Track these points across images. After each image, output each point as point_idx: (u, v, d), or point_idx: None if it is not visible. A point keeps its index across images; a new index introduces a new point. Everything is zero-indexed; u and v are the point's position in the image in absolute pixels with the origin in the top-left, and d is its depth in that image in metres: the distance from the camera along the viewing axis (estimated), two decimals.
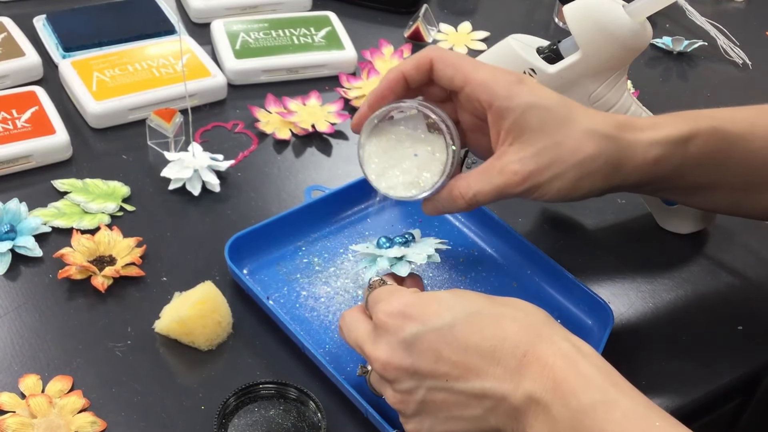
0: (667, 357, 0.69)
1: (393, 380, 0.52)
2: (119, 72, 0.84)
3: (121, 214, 0.74)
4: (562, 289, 0.70)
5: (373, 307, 0.54)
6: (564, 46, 0.70)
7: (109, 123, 0.82)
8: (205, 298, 0.63)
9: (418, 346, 0.50)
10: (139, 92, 0.83)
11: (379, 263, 0.61)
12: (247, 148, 0.83)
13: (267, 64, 0.90)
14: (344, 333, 0.56)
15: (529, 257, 0.73)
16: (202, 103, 0.86)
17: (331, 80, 0.92)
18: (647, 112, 0.73)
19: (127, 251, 0.69)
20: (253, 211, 0.76)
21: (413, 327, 0.51)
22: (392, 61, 0.96)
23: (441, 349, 0.50)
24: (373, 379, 0.56)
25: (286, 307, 0.67)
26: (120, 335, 0.64)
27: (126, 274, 0.68)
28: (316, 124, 0.85)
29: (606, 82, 0.70)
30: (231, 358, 0.64)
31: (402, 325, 0.51)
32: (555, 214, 0.81)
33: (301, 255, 0.71)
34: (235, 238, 0.68)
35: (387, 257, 0.61)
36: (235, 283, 0.68)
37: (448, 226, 0.76)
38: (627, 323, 0.71)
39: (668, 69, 1.02)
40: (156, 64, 0.86)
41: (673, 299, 0.74)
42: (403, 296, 0.53)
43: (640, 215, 0.81)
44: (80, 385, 0.60)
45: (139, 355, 0.63)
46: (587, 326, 0.69)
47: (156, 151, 0.80)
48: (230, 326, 0.65)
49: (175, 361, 0.63)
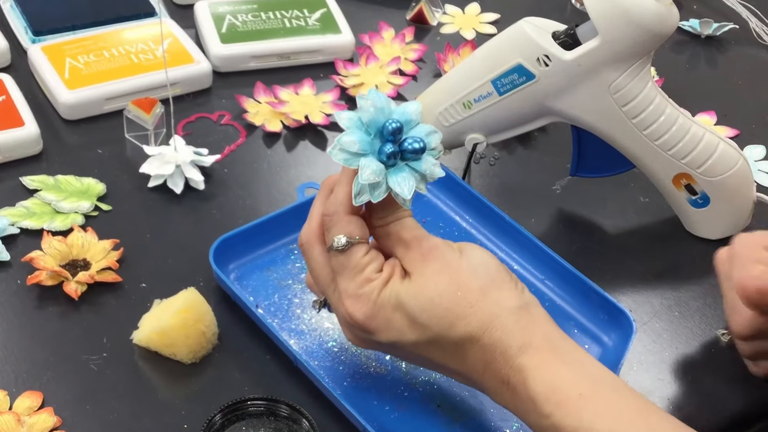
0: (694, 371, 0.69)
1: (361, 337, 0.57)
2: (94, 58, 0.84)
3: (96, 214, 0.74)
4: (579, 295, 0.71)
5: (337, 284, 0.56)
6: (582, 30, 0.70)
7: (83, 114, 0.82)
8: (188, 306, 0.63)
9: (384, 345, 0.57)
10: (115, 80, 0.83)
11: (365, 164, 0.53)
12: (234, 142, 0.83)
13: (256, 50, 0.90)
14: (309, 278, 0.61)
15: (542, 261, 0.73)
16: (184, 93, 0.86)
17: (326, 67, 0.92)
18: (673, 105, 0.73)
19: (102, 255, 0.69)
20: (241, 210, 0.76)
21: (377, 338, 0.56)
22: (393, 46, 0.96)
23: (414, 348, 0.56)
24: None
25: (276, 316, 0.67)
26: (95, 347, 0.64)
27: (101, 280, 0.68)
28: (309, 115, 0.85)
29: (628, 70, 0.70)
30: (216, 372, 0.64)
31: (365, 337, 0.57)
32: (571, 214, 0.81)
33: (293, 259, 0.71)
34: (221, 241, 0.68)
35: (380, 154, 0.53)
36: (221, 289, 0.68)
37: (454, 226, 0.76)
38: (650, 334, 0.71)
39: (696, 54, 1.02)
40: (134, 50, 0.86)
41: (700, 308, 0.74)
42: (365, 298, 0.55)
43: (665, 217, 0.81)
44: (51, 401, 0.60)
45: (115, 368, 0.63)
46: (606, 336, 0.69)
47: (134, 145, 0.80)
48: (215, 337, 0.65)
49: (156, 375, 0.63)
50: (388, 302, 0.54)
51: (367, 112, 0.54)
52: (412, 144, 0.54)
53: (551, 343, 0.53)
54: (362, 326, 0.55)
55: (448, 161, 0.82)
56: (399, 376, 0.64)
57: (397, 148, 0.54)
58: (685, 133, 0.74)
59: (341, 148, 0.53)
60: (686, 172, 0.75)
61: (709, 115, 0.92)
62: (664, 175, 0.76)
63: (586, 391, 0.51)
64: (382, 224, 0.56)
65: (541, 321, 0.54)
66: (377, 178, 0.53)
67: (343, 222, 0.55)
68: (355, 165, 0.53)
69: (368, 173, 0.52)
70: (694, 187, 0.76)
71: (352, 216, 0.55)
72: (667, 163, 0.75)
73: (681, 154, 0.74)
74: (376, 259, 0.56)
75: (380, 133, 0.54)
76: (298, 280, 0.70)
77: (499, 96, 0.74)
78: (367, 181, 0.52)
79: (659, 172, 0.76)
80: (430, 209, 0.77)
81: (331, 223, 0.55)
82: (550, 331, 0.54)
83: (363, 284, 0.55)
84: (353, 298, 0.55)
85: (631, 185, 0.84)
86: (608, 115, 0.73)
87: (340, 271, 0.56)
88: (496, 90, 0.74)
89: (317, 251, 0.57)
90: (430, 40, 1.00)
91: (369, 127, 0.54)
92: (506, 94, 0.74)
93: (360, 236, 0.55)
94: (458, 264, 0.55)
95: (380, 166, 0.53)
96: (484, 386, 0.55)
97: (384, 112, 0.54)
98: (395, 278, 0.55)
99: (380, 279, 0.55)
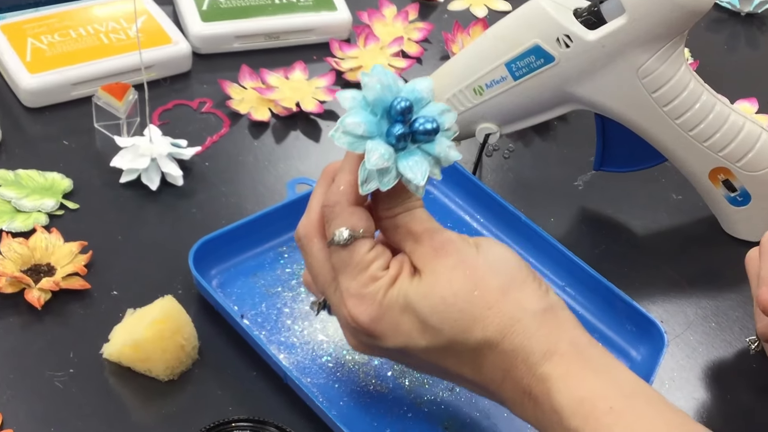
0: (733, 389, 0.69)
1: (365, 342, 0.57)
2: (59, 38, 0.84)
3: (61, 213, 0.74)
4: (604, 305, 0.71)
5: (338, 283, 0.56)
6: (607, 7, 0.70)
7: (47, 101, 0.82)
8: (165, 316, 0.64)
9: (391, 352, 0.57)
10: (83, 63, 0.83)
11: (373, 148, 0.52)
12: (217, 132, 0.83)
13: (241, 29, 0.90)
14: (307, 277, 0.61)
15: (563, 266, 0.73)
16: (161, 77, 0.86)
17: (319, 48, 0.93)
18: (710, 90, 0.73)
19: (68, 259, 0.70)
20: (224, 209, 0.76)
21: (384, 344, 0.56)
22: (395, 24, 0.96)
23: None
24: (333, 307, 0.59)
25: (264, 328, 0.67)
26: (60, 362, 0.64)
27: (67, 287, 0.68)
28: (301, 102, 0.85)
29: (659, 52, 0.70)
30: (197, 390, 0.64)
31: (370, 343, 0.56)
32: (595, 213, 0.81)
33: (282, 263, 0.71)
34: (202, 243, 0.68)
35: (389, 136, 0.53)
36: (201, 297, 0.68)
37: (464, 226, 0.76)
38: (683, 348, 0.71)
39: (735, 34, 1.02)
40: (104, 29, 0.86)
41: (740, 318, 0.74)
42: (370, 299, 0.54)
43: (700, 216, 0.81)
44: (11, 422, 0.60)
45: (83, 386, 0.63)
46: (634, 350, 0.69)
47: (104, 136, 0.80)
48: (195, 351, 0.65)
49: (128, 393, 0.63)
50: (395, 303, 0.54)
51: (373, 90, 0.53)
52: (423, 124, 0.53)
53: (579, 349, 0.53)
54: (367, 330, 0.55)
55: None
56: (401, 395, 0.64)
57: (408, 129, 0.53)
58: (723, 122, 0.74)
59: (344, 131, 0.53)
60: (724, 166, 0.75)
61: (749, 102, 0.92)
62: (700, 170, 0.76)
63: (617, 404, 0.51)
64: (390, 215, 0.56)
65: (567, 325, 0.54)
66: (386, 162, 0.52)
67: (346, 213, 0.55)
68: (361, 149, 0.52)
69: (376, 157, 0.52)
70: (733, 182, 0.76)
71: (356, 207, 0.55)
72: (702, 156, 0.75)
73: (718, 145, 0.74)
74: (382, 255, 0.55)
75: (388, 113, 0.53)
76: (288, 288, 0.70)
77: (514, 81, 0.75)
78: (375, 167, 0.52)
79: (694, 166, 0.76)
80: (436, 207, 0.78)
81: (333, 214, 0.55)
82: (577, 337, 0.54)
83: (367, 283, 0.55)
84: (356, 299, 0.55)
85: (662, 181, 0.84)
86: (636, 103, 0.73)
87: (341, 268, 0.55)
88: (511, 74, 0.74)
89: (317, 246, 0.57)
90: (437, 18, 1.00)
91: (375, 107, 0.53)
92: (522, 78, 0.74)
93: (364, 229, 0.55)
94: (475, 260, 0.55)
95: (389, 150, 0.53)
96: (504, 397, 0.55)
97: (391, 89, 0.53)
98: (404, 276, 0.55)
99: (387, 277, 0.55)
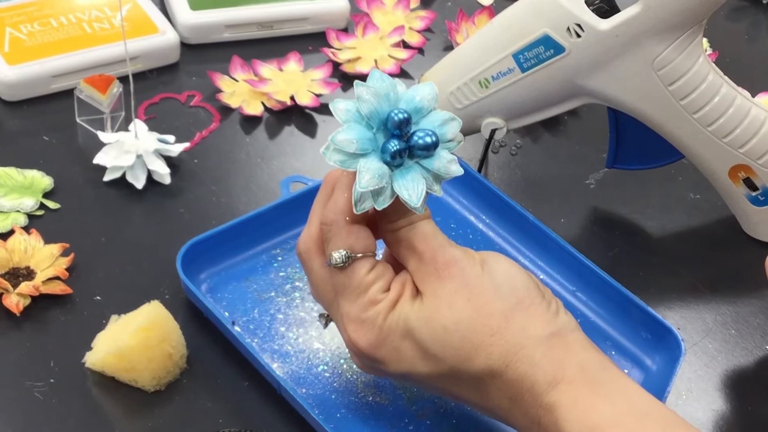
0: (755, 400, 0.69)
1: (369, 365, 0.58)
2: (39, 27, 0.84)
3: (41, 213, 0.74)
4: (617, 311, 0.71)
5: (339, 303, 0.56)
6: None
7: (27, 94, 0.82)
8: (152, 323, 0.63)
9: (395, 376, 0.58)
10: (65, 54, 0.83)
11: (365, 168, 0.52)
12: (207, 128, 0.83)
13: (232, 17, 0.90)
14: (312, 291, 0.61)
15: (573, 269, 0.73)
16: (147, 68, 0.86)
17: (315, 38, 0.92)
18: (729, 83, 0.73)
19: (49, 262, 0.69)
20: (214, 209, 0.76)
21: (386, 369, 0.56)
22: (395, 13, 0.96)
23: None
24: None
25: (256, 335, 0.67)
26: (40, 371, 0.64)
27: (48, 292, 0.68)
28: (296, 95, 0.85)
29: (676, 42, 0.70)
30: (185, 402, 0.64)
31: (374, 366, 0.57)
32: (608, 213, 0.81)
33: (276, 267, 0.71)
34: (191, 245, 0.68)
35: (383, 153, 0.52)
36: (190, 303, 0.68)
37: (468, 227, 0.76)
38: (701, 356, 0.71)
39: (756, 23, 1.02)
40: (87, 17, 0.86)
41: (761, 325, 0.74)
42: (369, 324, 0.55)
43: (719, 217, 0.81)
44: None
45: (64, 397, 0.63)
46: (649, 359, 0.69)
47: (87, 131, 0.80)
48: (184, 360, 0.65)
49: (112, 405, 0.63)
50: (396, 328, 0.54)
51: (367, 103, 0.52)
52: (423, 138, 0.52)
53: (588, 374, 0.53)
54: (367, 355, 0.56)
55: (461, 150, 0.82)
56: (403, 407, 0.64)
57: (404, 145, 0.52)
58: (744, 116, 0.74)
59: (336, 148, 0.52)
60: (745, 163, 0.75)
61: None
62: (719, 167, 0.76)
63: (631, 429, 0.51)
64: (392, 229, 0.56)
65: (577, 349, 0.54)
66: (379, 183, 0.52)
67: (344, 233, 0.55)
68: (354, 167, 0.52)
69: (368, 179, 0.51)
70: (755, 181, 0.76)
71: (354, 226, 0.55)
72: (721, 152, 0.75)
73: (739, 141, 0.74)
74: (382, 277, 0.55)
75: (384, 125, 0.53)
76: (281, 292, 0.70)
77: (522, 73, 0.74)
78: (367, 188, 0.51)
79: (713, 163, 0.76)
80: (439, 207, 0.77)
81: (330, 234, 0.55)
82: (586, 360, 0.54)
83: (367, 307, 0.55)
84: (356, 323, 0.55)
85: (678, 179, 0.84)
86: (652, 96, 0.73)
87: (341, 290, 0.55)
88: (519, 66, 0.74)
89: (317, 264, 0.57)
90: (440, 7, 1.00)
91: (370, 120, 0.53)
92: (530, 70, 0.74)
93: (363, 250, 0.55)
94: (479, 282, 0.54)
95: (383, 168, 0.52)
96: (514, 425, 0.55)
97: (389, 99, 0.53)
98: (405, 299, 0.55)
99: (387, 301, 0.55)
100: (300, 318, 0.68)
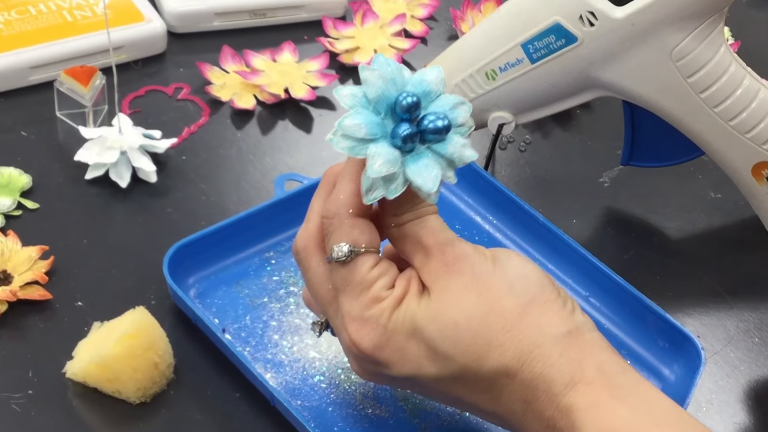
0: None
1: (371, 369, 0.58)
2: (16, 15, 0.84)
3: (19, 214, 0.74)
4: (633, 317, 0.71)
5: (339, 304, 0.56)
6: None
7: (3, 87, 0.82)
8: (137, 330, 0.64)
9: (398, 380, 0.57)
10: (44, 44, 0.83)
11: (376, 152, 0.52)
12: (195, 122, 0.83)
13: (222, 5, 0.90)
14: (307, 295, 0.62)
15: (586, 273, 0.73)
16: (132, 59, 0.86)
17: (311, 27, 0.92)
18: (753, 74, 0.73)
19: (27, 265, 0.69)
20: (204, 209, 0.76)
21: (390, 372, 0.56)
22: (396, 0, 0.96)
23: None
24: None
25: (248, 344, 0.67)
26: (18, 382, 0.64)
27: (26, 297, 0.68)
28: (290, 88, 0.85)
29: (695, 31, 0.70)
30: (172, 414, 0.64)
31: (375, 370, 0.57)
32: (623, 213, 0.81)
33: (269, 271, 0.72)
34: (178, 248, 0.68)
35: (394, 137, 0.53)
36: (178, 309, 0.68)
37: (474, 228, 0.76)
38: (723, 366, 0.71)
39: None
40: (68, 5, 0.86)
41: None
42: (373, 323, 0.55)
43: (742, 217, 0.81)
44: None
45: (44, 409, 0.63)
46: (667, 369, 0.69)
47: (68, 126, 0.80)
48: (171, 369, 0.65)
49: (95, 417, 0.63)
50: (401, 327, 0.54)
51: (374, 86, 0.53)
52: (434, 122, 0.53)
53: (607, 376, 0.53)
54: (370, 357, 0.55)
55: None
56: (405, 420, 0.64)
57: (415, 129, 0.53)
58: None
59: (344, 134, 0.52)
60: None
61: None
62: (742, 164, 0.76)
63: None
64: (399, 223, 0.56)
65: (595, 350, 0.54)
66: (392, 168, 0.52)
67: (346, 226, 0.55)
68: (363, 154, 0.52)
69: (380, 163, 0.51)
70: None
71: (357, 219, 0.55)
72: (744, 148, 0.75)
73: (763, 137, 0.74)
74: (386, 273, 0.55)
75: (392, 110, 0.53)
76: (275, 298, 0.70)
77: (532, 64, 0.75)
78: (380, 174, 0.52)
79: (735, 160, 0.76)
80: (443, 207, 0.77)
81: (332, 227, 0.55)
82: (606, 362, 0.54)
83: (370, 305, 0.55)
84: (358, 323, 0.55)
85: (698, 177, 0.84)
86: (670, 88, 0.73)
87: (342, 287, 0.55)
88: (528, 56, 0.74)
89: (315, 262, 0.57)
90: None
91: (378, 105, 0.53)
92: (540, 61, 0.74)
93: (367, 244, 0.55)
94: (490, 277, 0.55)
95: (395, 154, 0.52)
96: (526, 430, 0.55)
97: (396, 83, 0.53)
98: (410, 296, 0.55)
99: (391, 298, 0.55)
100: (295, 325, 0.68)
